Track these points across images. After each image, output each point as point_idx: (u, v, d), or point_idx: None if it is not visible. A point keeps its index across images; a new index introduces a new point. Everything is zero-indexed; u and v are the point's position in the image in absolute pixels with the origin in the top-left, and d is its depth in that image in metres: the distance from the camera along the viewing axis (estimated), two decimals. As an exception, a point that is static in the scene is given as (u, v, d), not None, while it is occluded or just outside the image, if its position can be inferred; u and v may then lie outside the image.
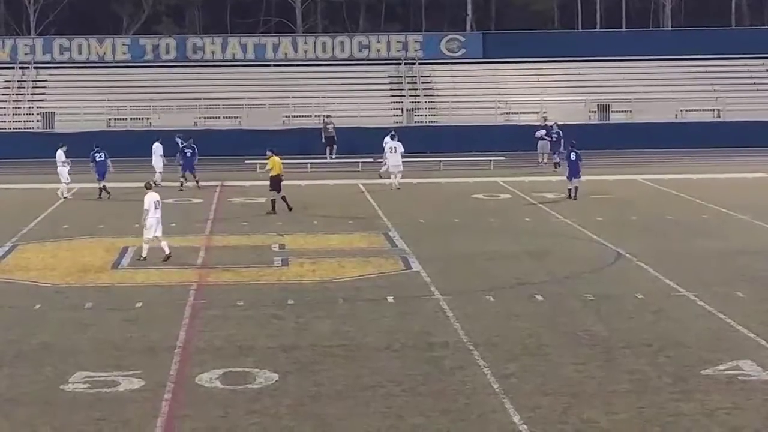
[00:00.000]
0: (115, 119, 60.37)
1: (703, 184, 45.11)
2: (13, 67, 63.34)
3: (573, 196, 40.27)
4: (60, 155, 42.48)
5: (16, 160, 53.14)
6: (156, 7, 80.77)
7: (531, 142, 52.96)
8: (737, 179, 46.67)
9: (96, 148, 43.05)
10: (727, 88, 62.32)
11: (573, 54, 64.38)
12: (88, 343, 21.18)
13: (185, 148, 44.88)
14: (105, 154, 42.75)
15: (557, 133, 51.41)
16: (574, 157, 40.54)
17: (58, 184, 42.32)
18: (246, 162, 49.76)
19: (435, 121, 61.46)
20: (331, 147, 55.11)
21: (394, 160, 44.84)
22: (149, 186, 30.03)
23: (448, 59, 65.08)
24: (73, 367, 19.40)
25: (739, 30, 75.02)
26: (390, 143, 45.86)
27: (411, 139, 51.91)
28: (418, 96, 62.86)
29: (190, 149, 44.85)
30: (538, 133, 52.50)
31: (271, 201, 37.89)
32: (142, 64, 64.18)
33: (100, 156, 42.68)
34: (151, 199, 29.15)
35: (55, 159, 42.77)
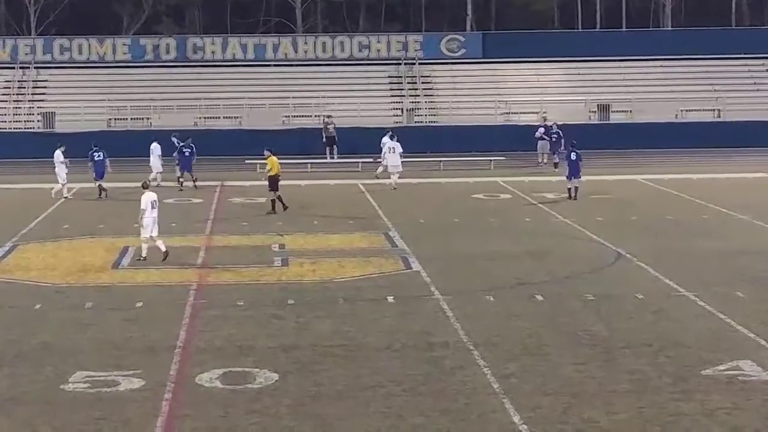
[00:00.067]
0: (115, 119, 60.38)
1: (704, 184, 45.09)
2: (13, 67, 63.35)
3: (573, 196, 40.27)
4: (58, 155, 42.37)
5: (17, 160, 53.13)
6: (156, 7, 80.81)
7: (531, 142, 53.00)
8: (737, 179, 46.66)
9: (94, 148, 43.01)
10: (727, 88, 62.31)
11: (573, 54, 64.38)
12: (88, 343, 21.18)
13: (184, 148, 44.81)
14: (104, 154, 42.71)
15: (557, 133, 51.41)
16: (574, 157, 40.52)
17: (55, 184, 42.18)
18: (246, 162, 49.75)
19: (435, 121, 61.46)
20: (332, 147, 55.11)
21: (393, 160, 44.84)
22: (146, 185, 30.06)
23: (448, 59, 65.07)
24: (73, 367, 19.40)
25: (740, 30, 75.02)
26: (389, 143, 45.84)
27: (411, 139, 51.99)
28: (418, 96, 62.85)
29: (188, 148, 44.80)
30: (538, 132, 52.55)
31: (271, 201, 37.90)
32: (142, 64, 64.18)
33: (98, 155, 42.66)
34: (148, 198, 29.16)
35: (53, 159, 42.73)
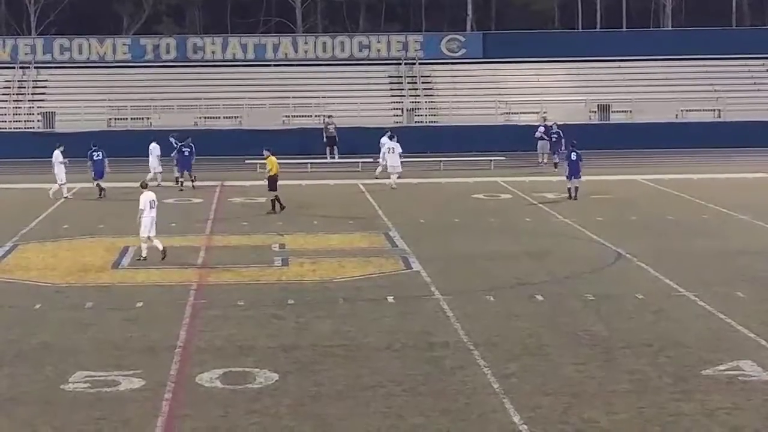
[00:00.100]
0: (115, 119, 60.38)
1: (704, 184, 45.09)
2: (13, 67, 63.35)
3: (573, 196, 40.26)
4: (57, 155, 42.20)
5: (17, 160, 53.11)
6: (156, 7, 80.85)
7: (531, 142, 53.02)
8: (738, 179, 46.65)
9: (93, 147, 42.95)
10: (727, 88, 62.31)
11: (573, 54, 64.37)
12: (88, 343, 21.18)
13: (183, 147, 44.79)
14: (103, 153, 42.67)
15: (557, 133, 51.42)
16: (574, 157, 40.51)
17: (53, 184, 42.06)
18: (246, 162, 49.74)
19: (435, 121, 61.47)
20: (332, 147, 55.09)
21: (392, 160, 44.82)
22: (145, 185, 30.08)
23: (448, 59, 65.07)
24: (73, 367, 19.40)
25: (740, 30, 75.04)
26: (388, 143, 45.82)
27: (411, 139, 52.01)
28: (419, 96, 62.84)
29: (188, 148, 44.77)
30: (537, 132, 52.57)
31: (271, 201, 37.91)
32: (142, 64, 64.18)
33: (97, 155, 42.61)
34: (147, 198, 29.16)
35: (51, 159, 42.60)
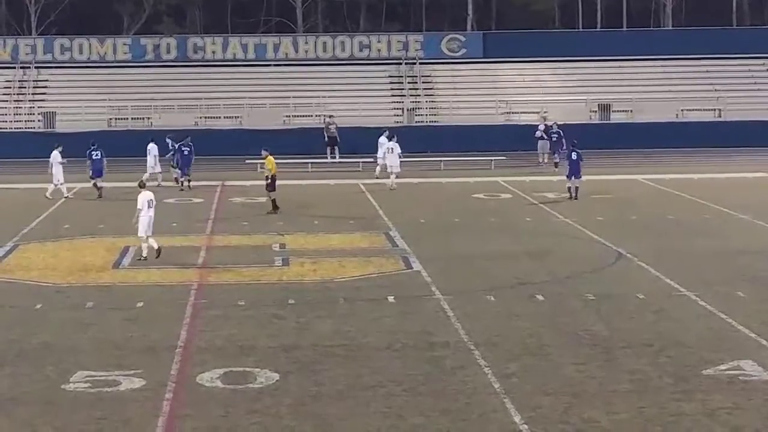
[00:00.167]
0: (116, 119, 60.36)
1: (704, 183, 45.08)
2: (14, 67, 63.33)
3: (574, 196, 40.25)
4: (56, 156, 42.07)
5: (18, 160, 53.09)
6: (157, 7, 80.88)
7: (532, 141, 53.01)
8: (738, 179, 46.65)
9: (92, 146, 42.87)
10: (727, 87, 62.30)
11: (574, 54, 64.34)
12: (89, 343, 21.18)
13: (183, 147, 44.77)
14: (101, 153, 42.61)
15: (557, 133, 51.39)
16: (575, 156, 40.49)
17: (50, 184, 41.95)
18: (247, 162, 49.73)
19: (435, 121, 61.46)
20: (333, 147, 55.04)
21: (392, 160, 44.79)
22: (143, 185, 30.07)
23: (448, 59, 65.05)
24: (74, 367, 19.41)
25: (740, 30, 75.02)
26: (387, 144, 45.81)
27: (411, 139, 52.01)
28: (419, 96, 62.83)
29: (187, 147, 44.76)
30: (537, 132, 52.58)
31: (272, 201, 37.90)
32: (143, 64, 64.16)
33: (96, 154, 42.54)
34: (145, 197, 29.16)
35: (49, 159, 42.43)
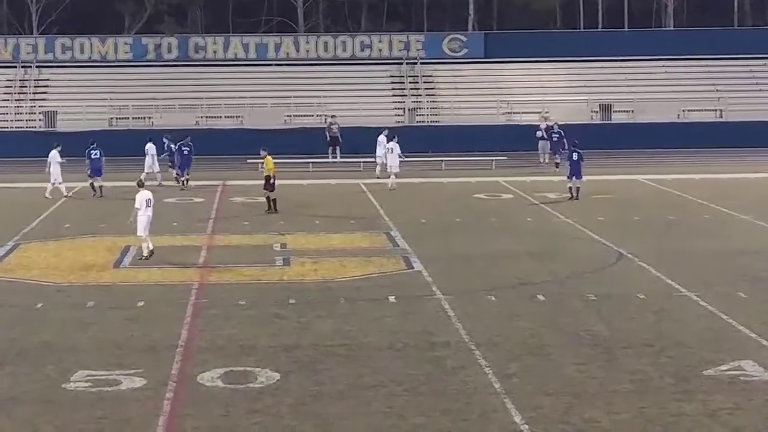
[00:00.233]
0: (117, 118, 60.38)
1: (705, 184, 45.07)
2: (15, 66, 63.34)
3: (575, 196, 40.25)
4: (55, 155, 42.00)
5: (19, 160, 53.08)
6: (158, 7, 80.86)
7: (533, 142, 53.03)
8: (739, 179, 46.63)
9: (92, 145, 42.82)
10: (729, 88, 62.27)
11: (575, 54, 64.32)
12: (89, 342, 21.18)
13: (183, 146, 44.74)
14: (100, 152, 42.55)
15: (558, 133, 51.39)
16: (576, 157, 40.47)
17: (48, 184, 41.92)
18: (248, 161, 49.72)
19: (437, 121, 61.46)
20: (334, 147, 55.01)
21: (391, 160, 44.79)
22: (141, 184, 30.06)
23: (449, 59, 65.05)
24: (74, 366, 19.41)
25: (742, 30, 74.95)
26: (387, 144, 45.80)
27: (413, 139, 52.01)
28: (420, 96, 62.83)
29: (187, 147, 44.74)
30: (538, 132, 52.60)
31: (273, 201, 37.90)
32: (144, 64, 64.17)
33: (95, 153, 42.48)
34: (143, 197, 29.14)
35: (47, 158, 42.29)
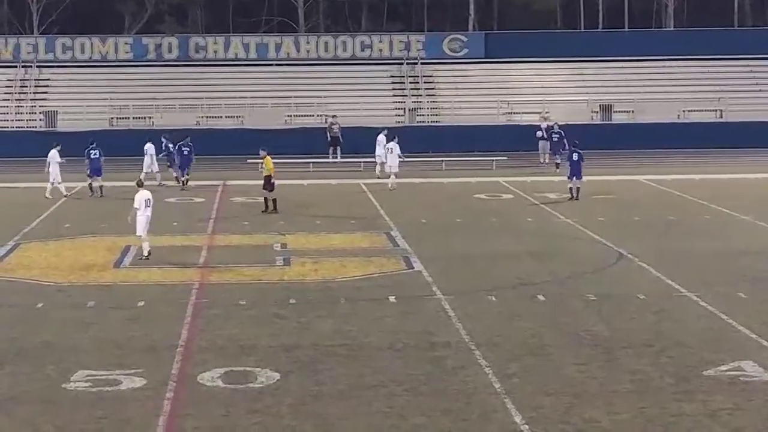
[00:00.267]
0: (117, 118, 60.40)
1: (706, 184, 45.07)
2: (15, 66, 63.35)
3: (575, 197, 40.24)
4: (54, 155, 41.94)
5: (19, 159, 53.08)
6: (158, 7, 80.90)
7: (533, 142, 53.05)
8: (740, 180, 46.63)
9: (91, 145, 42.78)
10: (729, 88, 62.27)
11: (575, 54, 64.32)
12: (90, 342, 21.18)
13: (183, 147, 44.73)
14: (100, 152, 42.51)
15: (558, 134, 51.38)
16: (576, 157, 40.46)
17: (47, 184, 41.88)
18: (248, 161, 49.72)
19: (437, 121, 61.48)
20: (335, 148, 55.01)
21: (391, 160, 44.78)
22: (141, 184, 30.08)
23: (450, 59, 65.06)
24: (75, 366, 19.41)
25: (742, 30, 74.98)
26: (387, 144, 45.79)
27: (413, 139, 52.04)
28: (421, 96, 62.84)
29: (187, 147, 44.73)
30: (538, 132, 52.61)
31: (273, 200, 37.92)
32: (144, 64, 64.18)
33: (94, 153, 42.44)
34: (142, 197, 29.17)
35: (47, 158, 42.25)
